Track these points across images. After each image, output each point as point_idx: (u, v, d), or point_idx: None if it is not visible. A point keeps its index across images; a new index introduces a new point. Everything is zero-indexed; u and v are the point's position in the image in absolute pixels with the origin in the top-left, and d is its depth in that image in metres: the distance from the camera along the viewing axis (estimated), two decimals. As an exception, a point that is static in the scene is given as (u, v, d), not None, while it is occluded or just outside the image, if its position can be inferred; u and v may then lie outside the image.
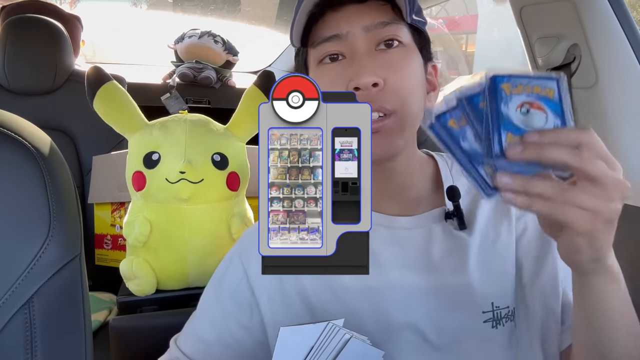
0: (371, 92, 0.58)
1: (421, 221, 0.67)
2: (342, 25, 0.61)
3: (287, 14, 2.26)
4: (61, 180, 0.71)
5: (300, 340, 0.50)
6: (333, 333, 0.51)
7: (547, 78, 0.48)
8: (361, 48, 0.60)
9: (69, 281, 0.70)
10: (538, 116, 0.47)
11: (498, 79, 0.48)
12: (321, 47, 0.62)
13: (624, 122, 0.95)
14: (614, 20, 0.92)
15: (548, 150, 0.44)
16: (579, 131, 0.44)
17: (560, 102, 0.47)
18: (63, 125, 1.60)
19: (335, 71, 0.61)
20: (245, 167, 1.18)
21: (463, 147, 0.50)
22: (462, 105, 0.49)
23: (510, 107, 0.47)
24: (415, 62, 0.63)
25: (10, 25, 1.55)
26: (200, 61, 1.96)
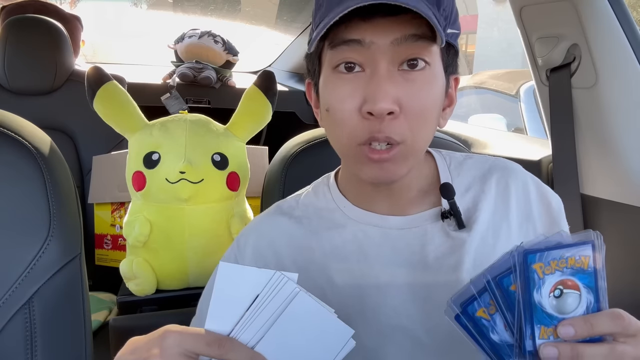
0: (384, 120, 0.54)
1: (415, 221, 0.65)
2: (366, 33, 0.54)
3: (287, 14, 2.27)
4: (61, 180, 0.71)
5: (244, 283, 0.47)
6: (281, 284, 0.47)
7: (581, 244, 0.45)
8: (383, 65, 0.55)
9: (69, 281, 0.70)
10: (571, 298, 0.44)
11: (530, 258, 0.45)
12: (339, 49, 0.56)
13: (624, 122, 0.95)
14: (614, 20, 0.92)
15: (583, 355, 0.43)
16: (611, 320, 0.44)
17: (594, 272, 0.45)
18: (63, 125, 1.60)
19: (351, 86, 0.56)
20: (245, 167, 1.18)
21: (493, 340, 0.46)
22: (491, 289, 0.46)
23: (543, 293, 0.44)
24: (437, 87, 0.58)
25: (10, 25, 1.55)
26: (200, 61, 1.96)
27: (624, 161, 0.95)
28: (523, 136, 2.48)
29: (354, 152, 0.58)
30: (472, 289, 0.47)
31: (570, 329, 0.43)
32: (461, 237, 0.63)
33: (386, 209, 0.66)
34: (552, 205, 0.66)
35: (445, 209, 0.64)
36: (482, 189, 0.66)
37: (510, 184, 0.66)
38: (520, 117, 2.95)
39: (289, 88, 2.18)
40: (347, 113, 0.57)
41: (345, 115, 0.57)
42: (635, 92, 0.94)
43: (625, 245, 0.96)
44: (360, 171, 0.59)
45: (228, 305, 0.47)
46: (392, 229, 0.65)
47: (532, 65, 1.11)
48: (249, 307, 0.47)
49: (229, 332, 0.47)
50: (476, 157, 0.71)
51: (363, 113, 0.55)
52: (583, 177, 1.02)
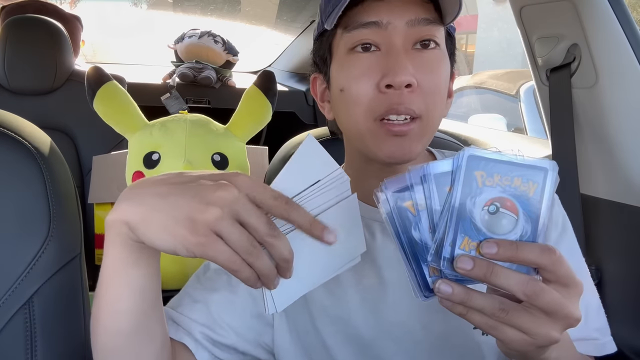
0: (403, 92, 0.56)
1: None
2: (383, 14, 0.57)
3: (287, 14, 2.26)
4: (61, 180, 0.71)
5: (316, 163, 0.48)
6: (339, 180, 0.48)
7: (534, 167, 0.42)
8: (399, 43, 0.57)
9: (69, 281, 0.70)
10: (506, 220, 0.41)
11: (474, 163, 0.41)
12: (356, 32, 0.58)
13: (624, 122, 0.95)
14: (614, 20, 0.92)
15: (498, 275, 0.40)
16: (540, 252, 0.40)
17: (539, 203, 0.41)
18: (63, 125, 1.60)
19: (368, 62, 0.58)
20: (245, 167, 1.18)
21: (413, 237, 0.43)
22: (427, 184, 0.43)
23: (477, 203, 0.41)
24: (446, 67, 0.61)
25: (10, 25, 1.55)
26: (200, 61, 1.96)
27: (624, 161, 0.95)
28: (523, 136, 2.48)
29: (372, 128, 0.58)
30: (408, 179, 0.44)
31: (494, 247, 0.40)
32: None
33: None
34: (554, 207, 0.67)
35: None
36: None
37: None
38: (520, 117, 2.95)
39: (289, 88, 2.18)
40: (364, 89, 0.57)
41: (362, 92, 0.58)
42: (635, 92, 0.93)
43: (625, 245, 0.96)
44: (378, 149, 0.59)
45: (295, 176, 0.48)
46: None
47: (532, 65, 1.11)
48: (308, 187, 0.47)
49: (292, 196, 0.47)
50: None
51: (381, 87, 0.56)
52: (583, 177, 1.02)
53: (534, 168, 0.42)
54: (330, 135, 1.05)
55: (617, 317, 0.97)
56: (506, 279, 0.40)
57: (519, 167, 0.41)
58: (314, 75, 0.69)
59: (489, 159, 0.41)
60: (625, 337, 0.95)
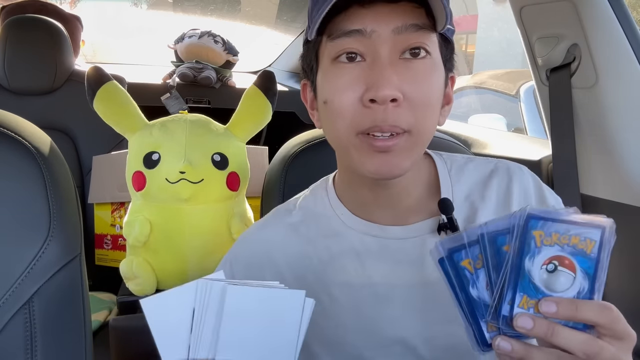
0: (387, 107, 0.53)
1: (414, 231, 0.62)
2: (367, 22, 0.53)
3: (287, 14, 2.27)
4: (61, 180, 0.71)
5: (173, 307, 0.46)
6: (208, 288, 0.45)
7: (591, 225, 0.42)
8: (384, 53, 0.53)
9: (69, 281, 0.70)
10: (564, 277, 0.41)
11: (532, 223, 0.42)
12: (339, 41, 0.55)
13: (624, 122, 0.95)
14: (614, 20, 0.92)
15: (559, 335, 0.40)
16: (599, 310, 0.40)
17: (597, 260, 0.41)
18: (63, 125, 1.60)
19: (352, 75, 0.55)
20: (245, 167, 1.18)
21: (470, 294, 0.44)
22: (483, 243, 0.44)
23: (535, 262, 0.42)
24: (438, 77, 0.57)
25: (10, 25, 1.55)
26: (200, 61, 1.96)
27: (624, 161, 0.95)
28: (523, 136, 2.48)
29: (355, 143, 0.56)
30: (464, 238, 0.45)
31: (553, 305, 0.40)
32: None
33: (384, 218, 0.64)
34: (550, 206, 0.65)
35: (442, 221, 0.62)
36: (482, 195, 0.64)
37: (512, 188, 0.64)
38: (520, 117, 2.95)
39: (289, 88, 2.18)
40: (348, 102, 0.55)
41: (345, 105, 0.55)
42: (635, 92, 0.93)
43: (625, 245, 0.96)
44: (362, 165, 0.56)
45: (171, 334, 0.46)
46: (390, 239, 0.63)
47: (532, 65, 1.11)
48: (192, 325, 0.46)
49: (187, 357, 0.46)
50: (478, 160, 0.69)
51: (365, 101, 0.53)
52: (583, 177, 1.02)
53: (592, 226, 0.42)
54: (330, 135, 1.05)
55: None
56: (566, 339, 0.40)
57: (577, 225, 0.42)
58: (304, 82, 0.66)
59: (547, 218, 0.42)
60: (625, 337, 0.95)
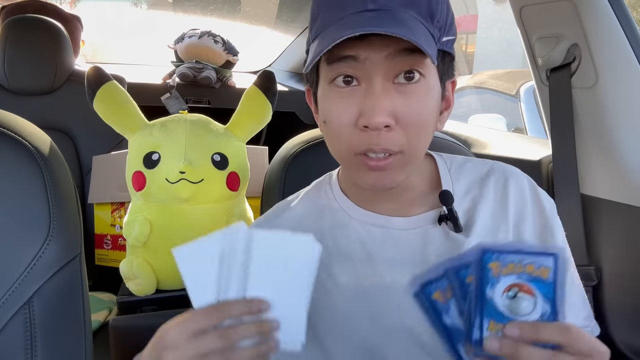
0: (380, 133, 0.56)
1: (417, 222, 0.66)
2: (361, 50, 0.56)
3: (287, 14, 2.27)
4: (61, 180, 0.71)
5: (202, 255, 0.50)
6: (235, 233, 0.50)
7: (543, 254, 0.46)
8: (378, 80, 0.56)
9: (69, 281, 0.70)
10: (526, 302, 0.46)
11: (486, 257, 0.46)
12: (335, 66, 0.58)
13: (624, 122, 0.95)
14: (614, 20, 0.92)
15: (524, 351, 0.45)
16: (559, 332, 0.45)
17: (553, 284, 0.46)
18: (63, 125, 1.60)
19: (347, 100, 0.58)
20: (245, 167, 1.18)
21: (445, 323, 0.49)
22: (448, 277, 0.49)
23: (496, 290, 0.46)
24: (433, 97, 0.60)
25: (10, 25, 1.55)
26: (200, 61, 1.96)
27: (624, 161, 0.95)
28: (523, 136, 2.48)
29: (352, 161, 0.60)
30: (434, 273, 0.50)
31: (516, 329, 0.45)
32: (460, 239, 0.64)
33: (388, 210, 0.67)
34: (546, 208, 0.68)
35: (443, 212, 0.65)
36: (480, 192, 0.68)
37: (509, 186, 0.68)
38: (520, 117, 2.95)
39: (289, 88, 2.18)
40: (344, 126, 0.58)
41: (343, 128, 0.59)
42: (635, 92, 0.94)
43: (625, 245, 0.96)
44: (359, 179, 0.61)
45: (201, 280, 0.49)
46: (394, 230, 0.66)
47: (532, 65, 1.11)
48: (220, 270, 0.49)
49: (216, 299, 0.49)
50: (476, 160, 0.73)
51: (360, 126, 0.57)
52: (583, 177, 1.02)
53: (544, 255, 0.46)
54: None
55: (617, 317, 0.97)
56: (530, 357, 0.45)
57: (529, 255, 0.46)
58: (307, 88, 0.69)
59: (501, 251, 0.47)
60: (625, 337, 0.95)
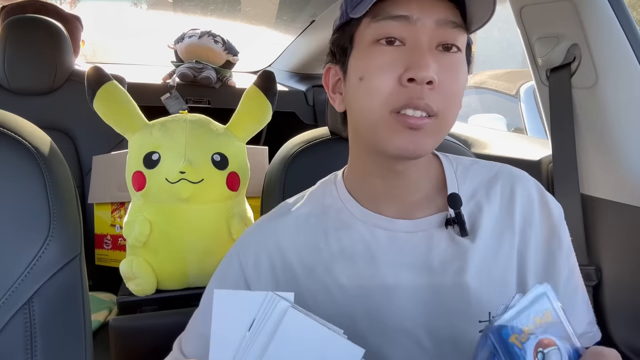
0: (424, 88, 0.56)
1: (422, 225, 0.65)
2: (414, 10, 0.57)
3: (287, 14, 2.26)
4: (61, 180, 0.71)
5: (240, 307, 0.47)
6: (274, 303, 0.46)
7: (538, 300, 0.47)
8: (425, 40, 0.57)
9: (69, 281, 0.70)
10: (554, 356, 0.45)
11: (504, 333, 0.46)
12: (385, 24, 0.58)
13: (624, 122, 0.95)
14: (614, 20, 0.92)
15: None
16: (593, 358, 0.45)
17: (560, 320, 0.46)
18: (63, 125, 1.60)
19: (392, 55, 0.58)
20: (245, 167, 1.18)
21: None
22: None
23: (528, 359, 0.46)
24: (464, 71, 0.62)
25: (10, 25, 1.55)
26: (200, 61, 1.96)
27: (624, 161, 0.95)
28: (523, 136, 2.48)
29: (386, 119, 0.58)
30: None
31: None
32: (464, 243, 0.64)
33: (393, 212, 0.66)
34: (553, 214, 0.67)
35: (450, 216, 0.65)
36: (487, 195, 0.67)
37: (516, 191, 0.67)
38: (520, 117, 2.95)
39: (289, 88, 2.18)
40: (385, 80, 0.57)
41: (383, 82, 0.58)
42: (635, 92, 0.93)
43: (626, 245, 0.96)
44: (390, 141, 0.59)
45: (228, 331, 0.46)
46: (399, 232, 0.65)
47: (532, 65, 1.11)
48: (247, 332, 0.46)
49: (232, 358, 0.46)
50: (482, 163, 0.72)
51: (403, 81, 0.56)
52: (583, 177, 1.02)
53: (537, 299, 0.47)
54: (330, 135, 1.05)
55: (617, 317, 0.97)
56: None
57: (529, 308, 0.47)
58: (329, 66, 0.68)
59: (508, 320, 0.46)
60: (625, 337, 0.95)
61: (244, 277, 0.69)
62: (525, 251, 0.65)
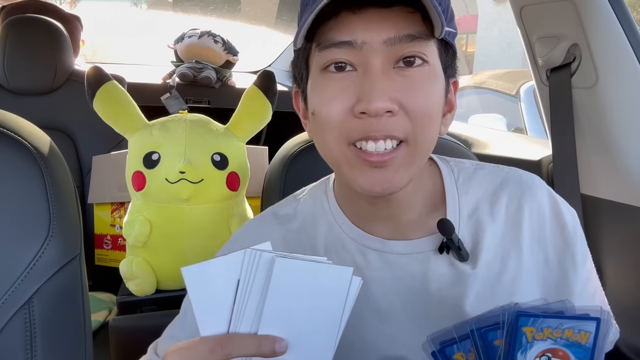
0: (381, 118, 0.50)
1: (417, 246, 0.59)
2: (358, 33, 0.50)
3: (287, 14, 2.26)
4: (61, 180, 0.71)
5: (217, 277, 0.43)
6: (257, 258, 0.42)
7: (585, 318, 0.42)
8: (377, 65, 0.50)
9: (69, 281, 0.70)
10: None
11: (522, 320, 0.42)
12: (328, 52, 0.52)
13: (624, 122, 0.95)
14: (614, 20, 0.92)
15: None
16: None
17: (592, 349, 0.41)
18: (63, 125, 1.60)
19: (342, 85, 0.51)
20: (245, 167, 1.18)
21: None
22: (474, 338, 0.44)
23: (528, 356, 0.42)
24: (437, 84, 0.53)
25: (10, 25, 1.55)
26: (200, 61, 1.96)
27: (624, 161, 0.95)
28: (523, 136, 2.48)
29: (346, 155, 0.53)
30: (454, 333, 0.46)
31: None
32: (465, 269, 0.58)
33: (385, 233, 0.61)
34: (567, 226, 0.61)
35: (445, 241, 0.58)
36: (490, 210, 0.60)
37: (524, 204, 0.60)
38: (520, 117, 2.95)
39: (289, 88, 2.18)
40: (336, 113, 0.51)
41: (334, 116, 0.52)
42: (635, 92, 0.93)
43: (626, 245, 0.96)
44: (354, 181, 0.53)
45: (212, 305, 0.44)
46: (392, 254, 0.60)
47: (532, 65, 1.11)
48: (235, 296, 0.43)
49: (227, 330, 0.43)
50: (488, 168, 0.65)
51: (356, 113, 0.50)
52: (583, 177, 1.02)
53: (586, 319, 0.42)
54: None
55: (617, 317, 0.97)
56: None
57: (570, 319, 0.42)
58: (295, 90, 0.63)
59: (537, 315, 0.42)
60: (625, 337, 0.95)
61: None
62: (534, 270, 0.59)
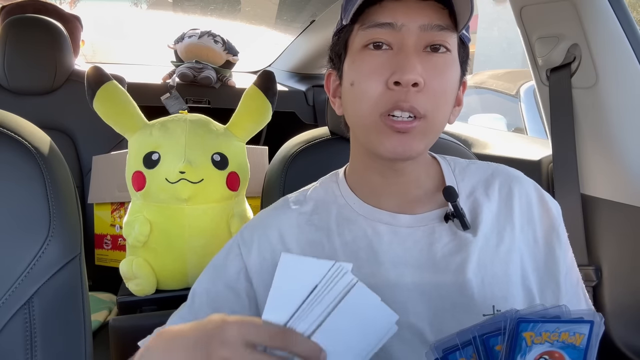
0: (409, 90, 0.58)
1: (423, 220, 0.67)
2: (399, 16, 0.60)
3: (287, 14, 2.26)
4: (61, 180, 0.71)
5: (302, 274, 0.48)
6: (340, 274, 0.48)
7: (580, 321, 0.45)
8: (411, 44, 0.60)
9: (69, 281, 0.70)
10: None
11: (522, 326, 0.45)
12: (371, 31, 0.61)
13: (624, 122, 0.95)
14: (614, 20, 0.92)
15: None
16: None
17: (585, 350, 0.44)
18: (63, 125, 1.60)
19: (379, 60, 0.61)
20: (245, 167, 1.18)
21: None
22: (476, 345, 0.47)
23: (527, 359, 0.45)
24: (456, 72, 0.63)
25: (10, 25, 1.55)
26: (200, 61, 1.96)
27: (624, 161, 0.95)
28: (523, 136, 2.48)
29: (376, 123, 0.61)
30: (457, 340, 0.48)
31: None
32: (466, 237, 0.65)
33: (394, 207, 0.67)
34: (552, 211, 0.69)
35: (449, 210, 0.66)
36: (485, 192, 0.69)
37: (514, 188, 0.69)
38: (520, 117, 2.95)
39: (289, 88, 2.18)
40: (373, 84, 0.60)
41: (371, 87, 0.60)
42: (635, 92, 0.94)
43: (625, 245, 0.96)
44: (381, 144, 0.61)
45: (286, 295, 0.48)
46: (401, 227, 0.66)
47: (532, 65, 1.11)
48: (307, 298, 0.47)
49: (286, 322, 0.47)
50: (479, 163, 0.74)
51: (389, 84, 0.59)
52: (583, 177, 1.02)
53: (581, 322, 0.45)
54: (330, 135, 1.05)
55: (617, 317, 0.97)
56: None
57: (566, 323, 0.45)
58: (329, 72, 0.71)
59: (536, 321, 0.45)
60: (625, 337, 0.95)
61: (245, 268, 0.68)
62: (525, 247, 0.66)
